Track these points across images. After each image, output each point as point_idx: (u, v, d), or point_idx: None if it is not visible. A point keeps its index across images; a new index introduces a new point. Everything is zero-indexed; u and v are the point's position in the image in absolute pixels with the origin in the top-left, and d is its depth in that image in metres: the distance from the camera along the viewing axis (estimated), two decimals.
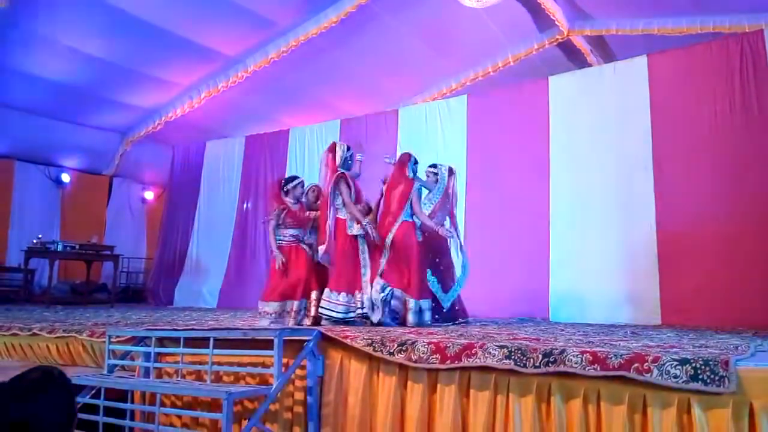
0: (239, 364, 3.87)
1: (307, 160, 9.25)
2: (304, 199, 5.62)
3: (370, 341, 3.58)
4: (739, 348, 3.15)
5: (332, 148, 5.37)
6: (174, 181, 10.92)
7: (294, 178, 5.62)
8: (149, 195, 12.41)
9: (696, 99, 6.36)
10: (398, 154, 8.25)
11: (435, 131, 8.24)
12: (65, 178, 10.85)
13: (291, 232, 5.38)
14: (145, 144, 10.87)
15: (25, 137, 9.88)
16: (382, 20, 8.78)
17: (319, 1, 8.16)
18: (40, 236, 9.21)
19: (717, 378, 2.51)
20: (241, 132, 10.50)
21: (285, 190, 5.48)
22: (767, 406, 2.46)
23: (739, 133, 6.06)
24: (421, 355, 3.33)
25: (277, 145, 9.78)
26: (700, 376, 2.54)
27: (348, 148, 5.37)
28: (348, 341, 3.68)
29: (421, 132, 8.36)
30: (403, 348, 3.43)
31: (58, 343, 4.88)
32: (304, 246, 5.42)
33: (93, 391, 4.00)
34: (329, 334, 3.82)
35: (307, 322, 5.10)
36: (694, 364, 2.58)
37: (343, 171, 5.20)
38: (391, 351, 3.46)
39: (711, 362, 2.56)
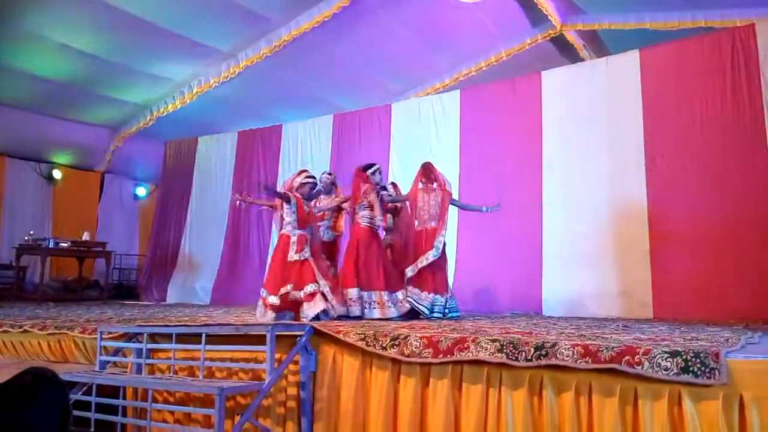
0: (232, 360, 3.87)
1: (300, 156, 9.23)
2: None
3: (362, 336, 3.58)
4: (730, 340, 3.17)
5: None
6: (166, 177, 10.86)
7: (372, 164, 5.63)
8: (141, 191, 12.37)
9: (688, 93, 6.38)
10: (392, 152, 8.36)
11: (428, 126, 8.23)
12: (57, 174, 10.79)
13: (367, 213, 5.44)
14: (136, 140, 10.82)
15: (16, 134, 9.81)
16: (375, 15, 8.76)
17: None
18: (31, 233, 9.16)
19: (707, 370, 2.53)
20: (234, 127, 10.45)
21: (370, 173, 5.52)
22: (757, 398, 2.48)
23: (731, 127, 6.09)
24: (414, 350, 3.34)
25: (270, 141, 9.75)
26: (691, 369, 2.55)
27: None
28: (341, 336, 3.68)
29: (414, 127, 8.36)
30: (396, 342, 3.43)
31: (49, 340, 4.86)
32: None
33: (85, 388, 3.99)
34: (322, 329, 3.82)
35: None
36: (684, 357, 2.59)
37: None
38: (384, 346, 3.46)
39: (701, 354, 2.57)
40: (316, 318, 4.69)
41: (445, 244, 5.55)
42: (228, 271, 9.45)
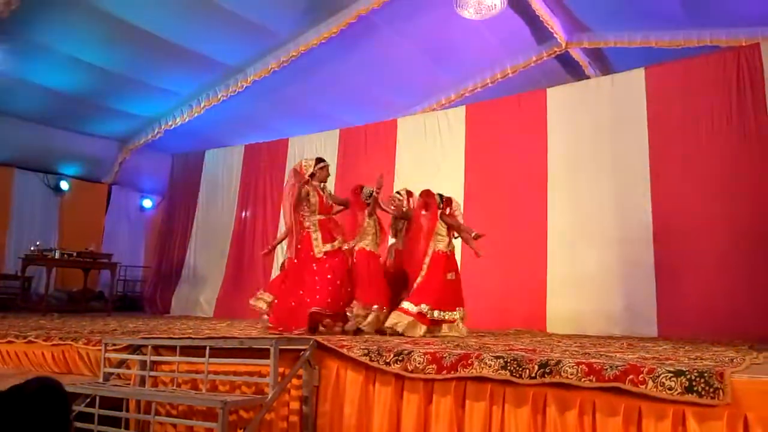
0: (235, 374, 3.86)
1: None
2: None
3: (366, 351, 3.58)
4: (734, 360, 3.15)
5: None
6: (173, 190, 10.93)
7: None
8: (148, 203, 12.42)
9: (693, 111, 6.40)
10: (397, 167, 8.39)
11: (434, 142, 8.28)
12: (64, 185, 10.85)
13: None
14: (144, 152, 10.89)
15: (24, 145, 9.89)
16: (381, 31, 8.83)
17: (320, 11, 8.21)
18: (38, 243, 9.20)
19: (712, 390, 2.51)
20: (241, 141, 10.52)
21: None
22: (762, 418, 2.46)
23: (736, 145, 6.10)
24: (417, 366, 3.33)
25: (277, 155, 9.81)
26: (695, 388, 2.54)
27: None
28: (344, 351, 3.68)
29: (419, 142, 8.40)
30: (400, 358, 3.42)
31: (54, 350, 4.86)
32: None
33: (88, 400, 3.98)
34: (326, 343, 3.82)
35: None
36: (689, 376, 2.58)
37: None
38: (388, 361, 3.45)
39: (706, 374, 2.56)
40: None
41: None
42: (232, 284, 9.46)
